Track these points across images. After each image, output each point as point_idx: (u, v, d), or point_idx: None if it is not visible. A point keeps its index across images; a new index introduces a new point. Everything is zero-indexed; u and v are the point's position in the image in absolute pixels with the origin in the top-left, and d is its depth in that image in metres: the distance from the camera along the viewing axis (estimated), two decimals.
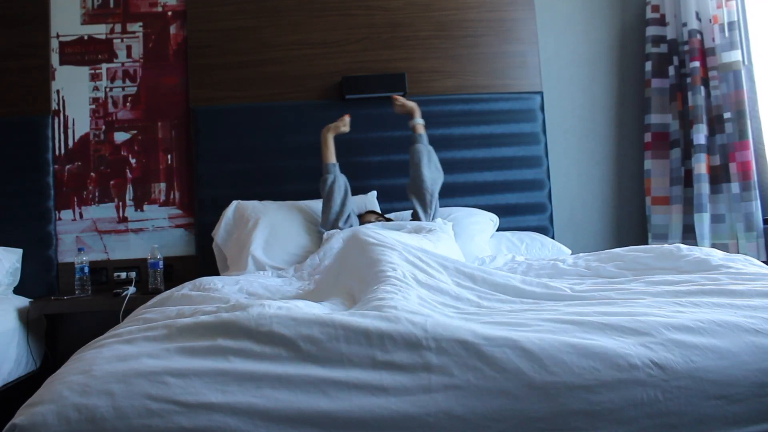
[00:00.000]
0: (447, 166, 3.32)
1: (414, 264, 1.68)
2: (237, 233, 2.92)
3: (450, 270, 1.70)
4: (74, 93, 3.31)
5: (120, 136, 3.33)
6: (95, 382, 1.00)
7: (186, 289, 2.14)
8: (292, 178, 3.26)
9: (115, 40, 3.36)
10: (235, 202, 3.04)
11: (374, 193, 3.25)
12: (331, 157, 2.94)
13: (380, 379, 1.03)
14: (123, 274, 3.16)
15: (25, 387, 2.58)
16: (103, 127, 3.32)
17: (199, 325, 1.16)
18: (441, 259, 1.75)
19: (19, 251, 3.07)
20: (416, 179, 2.87)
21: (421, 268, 1.67)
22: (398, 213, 3.15)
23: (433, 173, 2.89)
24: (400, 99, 3.05)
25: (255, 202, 3.04)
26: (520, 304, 1.52)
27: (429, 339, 1.09)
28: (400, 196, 3.21)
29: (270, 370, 1.03)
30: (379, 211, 3.09)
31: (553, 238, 3.29)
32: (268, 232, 2.82)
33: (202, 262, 3.19)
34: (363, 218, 2.92)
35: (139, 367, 1.03)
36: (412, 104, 3.02)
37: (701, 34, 3.11)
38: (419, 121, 2.98)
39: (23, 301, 2.86)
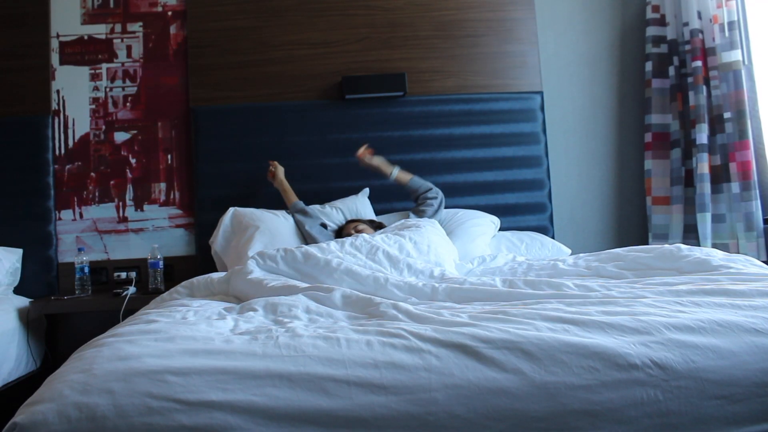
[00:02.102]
0: (447, 166, 3.34)
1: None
2: (235, 241, 2.88)
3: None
4: (74, 93, 3.31)
5: (120, 136, 3.33)
6: (96, 380, 1.00)
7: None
8: (292, 178, 3.25)
9: (115, 40, 3.36)
10: (231, 209, 3.02)
11: (366, 191, 3.22)
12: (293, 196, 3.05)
13: (381, 378, 1.03)
14: (123, 274, 3.16)
15: (25, 387, 2.58)
16: (103, 127, 3.32)
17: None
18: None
19: (19, 251, 3.07)
20: (411, 193, 3.02)
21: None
22: (398, 214, 3.14)
23: (419, 182, 3.01)
24: (364, 160, 3.00)
25: (253, 210, 3.02)
26: (522, 303, 1.52)
27: (428, 344, 1.10)
28: (399, 196, 3.21)
29: (271, 368, 1.03)
30: (359, 218, 2.99)
31: (553, 238, 3.29)
32: (267, 239, 2.80)
33: (202, 262, 3.19)
34: (343, 231, 2.80)
35: (140, 366, 1.03)
36: (376, 161, 3.00)
37: (702, 33, 3.11)
38: (396, 171, 3.00)
39: (23, 301, 2.86)
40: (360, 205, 3.13)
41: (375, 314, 1.46)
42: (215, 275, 2.12)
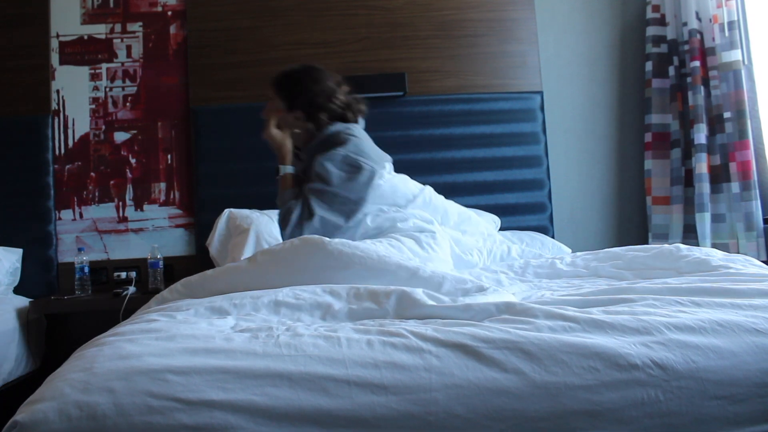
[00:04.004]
0: (447, 166, 3.34)
1: None
2: (232, 244, 2.87)
3: None
4: (74, 93, 3.31)
5: (120, 136, 3.33)
6: (96, 379, 1.00)
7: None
8: None
9: (115, 40, 3.36)
10: (227, 211, 3.00)
11: None
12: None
13: (381, 377, 1.03)
14: (123, 274, 3.16)
15: (25, 387, 2.57)
16: (103, 127, 3.32)
17: None
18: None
19: (19, 251, 3.07)
20: None
21: None
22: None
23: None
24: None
25: (248, 211, 2.99)
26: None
27: (429, 344, 1.11)
28: None
29: (271, 367, 1.03)
30: None
31: (553, 237, 3.29)
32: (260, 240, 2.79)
33: (201, 262, 3.18)
34: None
35: (141, 365, 1.03)
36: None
37: (701, 33, 3.11)
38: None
39: (23, 301, 2.86)
40: None
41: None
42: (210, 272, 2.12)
